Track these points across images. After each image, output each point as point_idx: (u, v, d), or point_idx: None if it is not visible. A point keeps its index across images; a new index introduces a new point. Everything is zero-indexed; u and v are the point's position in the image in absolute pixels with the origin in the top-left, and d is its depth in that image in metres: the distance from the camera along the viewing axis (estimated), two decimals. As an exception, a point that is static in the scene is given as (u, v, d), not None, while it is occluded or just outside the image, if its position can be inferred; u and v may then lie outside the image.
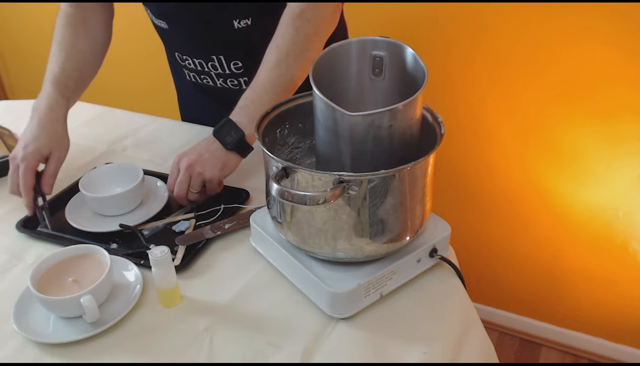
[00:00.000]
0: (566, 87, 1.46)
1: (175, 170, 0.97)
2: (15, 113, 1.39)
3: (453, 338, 0.76)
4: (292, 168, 0.72)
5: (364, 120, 0.71)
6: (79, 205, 1.01)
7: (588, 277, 1.68)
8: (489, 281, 1.85)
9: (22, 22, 2.27)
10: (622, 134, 1.45)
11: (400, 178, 0.72)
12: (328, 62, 0.79)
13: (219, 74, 1.15)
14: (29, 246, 0.94)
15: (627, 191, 1.51)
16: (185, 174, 0.95)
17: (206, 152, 0.96)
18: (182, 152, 0.98)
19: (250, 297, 0.82)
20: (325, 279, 0.76)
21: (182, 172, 0.95)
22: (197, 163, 0.95)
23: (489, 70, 1.52)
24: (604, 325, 1.74)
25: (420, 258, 0.82)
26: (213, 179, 0.96)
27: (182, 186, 0.95)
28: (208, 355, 0.73)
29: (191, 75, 1.19)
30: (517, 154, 1.60)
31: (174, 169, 0.97)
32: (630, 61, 1.36)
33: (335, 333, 0.75)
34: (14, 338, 0.77)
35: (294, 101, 0.87)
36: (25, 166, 0.96)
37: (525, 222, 1.69)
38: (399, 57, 0.78)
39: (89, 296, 0.74)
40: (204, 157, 0.96)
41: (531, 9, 1.40)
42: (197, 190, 0.96)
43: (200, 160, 0.95)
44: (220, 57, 1.12)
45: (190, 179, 0.95)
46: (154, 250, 0.77)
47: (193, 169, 0.95)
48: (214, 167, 0.96)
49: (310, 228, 0.75)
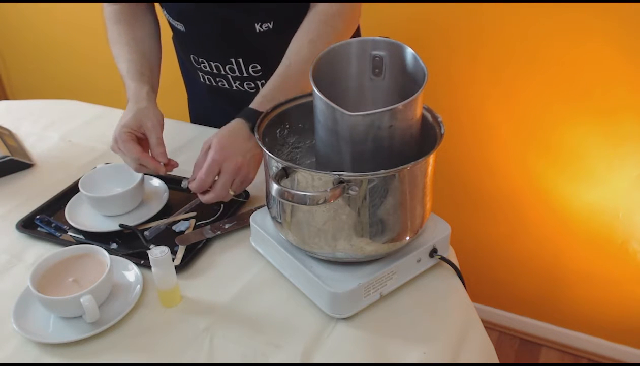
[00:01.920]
0: (566, 87, 1.46)
1: (214, 170, 0.90)
2: (15, 113, 1.39)
3: (453, 338, 0.76)
4: (292, 168, 0.72)
5: (364, 120, 0.71)
6: (79, 205, 1.01)
7: (588, 277, 1.68)
8: (489, 281, 1.84)
9: (22, 22, 2.27)
10: (622, 134, 1.45)
11: (400, 178, 0.72)
12: (328, 62, 0.79)
13: (235, 77, 1.14)
14: (29, 246, 0.94)
15: (627, 191, 1.51)
16: (230, 178, 0.90)
17: (248, 152, 0.91)
18: (219, 149, 0.89)
19: (250, 297, 0.82)
20: (325, 279, 0.76)
21: (226, 175, 0.90)
22: (244, 165, 0.91)
23: (489, 70, 1.52)
24: (604, 325, 1.74)
25: (420, 258, 0.82)
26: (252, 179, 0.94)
27: (225, 190, 0.91)
28: (208, 355, 0.73)
29: (206, 78, 1.19)
30: (517, 154, 1.60)
31: (212, 168, 0.89)
32: (630, 61, 1.36)
33: (335, 333, 0.75)
34: (14, 338, 0.77)
35: (294, 101, 0.87)
36: (122, 142, 0.94)
37: (525, 222, 1.69)
38: (399, 57, 0.78)
39: (89, 296, 0.74)
40: (248, 157, 0.91)
41: (531, 9, 1.40)
42: (238, 192, 0.93)
43: (245, 162, 0.91)
44: (239, 60, 1.11)
45: (233, 181, 0.91)
46: (154, 250, 0.77)
47: (240, 172, 0.91)
48: (256, 168, 0.94)
49: (310, 228, 0.75)
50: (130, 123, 0.95)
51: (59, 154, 1.21)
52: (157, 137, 0.96)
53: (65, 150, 1.23)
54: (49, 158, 1.19)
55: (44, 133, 1.29)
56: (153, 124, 0.96)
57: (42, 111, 1.40)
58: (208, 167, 0.89)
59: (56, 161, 1.18)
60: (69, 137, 1.27)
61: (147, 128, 0.96)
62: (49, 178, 1.12)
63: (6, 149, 1.16)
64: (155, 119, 0.97)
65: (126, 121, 0.96)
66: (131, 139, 0.94)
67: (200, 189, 0.91)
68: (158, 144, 0.95)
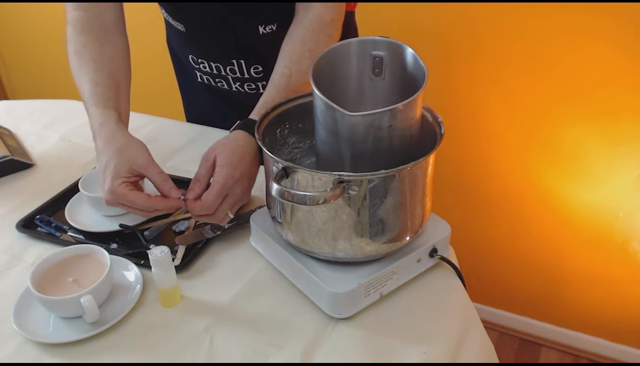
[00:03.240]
0: (566, 88, 1.46)
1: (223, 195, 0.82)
2: (15, 113, 1.39)
3: (453, 338, 0.76)
4: (292, 168, 0.72)
5: (364, 120, 0.71)
6: (79, 205, 1.01)
7: (588, 277, 1.68)
8: (489, 281, 1.85)
9: (22, 22, 2.27)
10: (622, 134, 1.45)
11: (400, 178, 0.72)
12: (328, 62, 0.79)
13: (236, 78, 1.13)
14: (29, 246, 0.94)
15: (627, 191, 1.51)
16: (235, 203, 0.84)
17: (253, 176, 0.86)
18: (231, 172, 0.81)
19: (250, 297, 0.82)
20: (325, 279, 0.76)
21: (232, 199, 0.83)
22: (249, 189, 0.86)
23: (489, 70, 1.52)
24: (604, 325, 1.74)
25: (420, 258, 0.82)
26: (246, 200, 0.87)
27: (224, 213, 0.83)
28: (208, 355, 0.73)
29: (204, 78, 1.18)
30: (517, 154, 1.60)
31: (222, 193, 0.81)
32: (630, 61, 1.36)
33: (335, 333, 0.75)
34: (14, 338, 0.77)
35: (294, 101, 0.87)
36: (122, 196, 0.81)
37: (525, 222, 1.69)
38: (399, 57, 0.78)
39: (89, 296, 0.74)
40: (252, 182, 0.87)
41: (531, 9, 1.40)
42: (233, 213, 0.85)
43: (250, 186, 0.86)
44: (240, 61, 1.10)
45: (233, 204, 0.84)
46: (154, 250, 0.77)
47: (244, 196, 0.85)
48: (252, 186, 0.87)
49: (310, 228, 0.75)
50: (120, 172, 0.81)
51: (59, 154, 1.21)
52: (158, 173, 0.83)
53: (65, 150, 1.23)
54: (49, 158, 1.19)
55: (44, 133, 1.29)
56: (146, 161, 0.83)
57: (42, 111, 1.39)
58: (218, 193, 0.81)
59: (56, 161, 1.18)
60: (69, 137, 1.27)
61: (141, 168, 0.83)
62: (49, 178, 1.12)
63: (6, 149, 1.16)
64: (145, 154, 0.84)
65: (114, 171, 0.81)
66: (130, 189, 0.81)
67: (203, 213, 0.82)
68: (163, 180, 0.83)
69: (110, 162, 0.82)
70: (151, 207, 0.81)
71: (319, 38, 0.96)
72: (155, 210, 0.82)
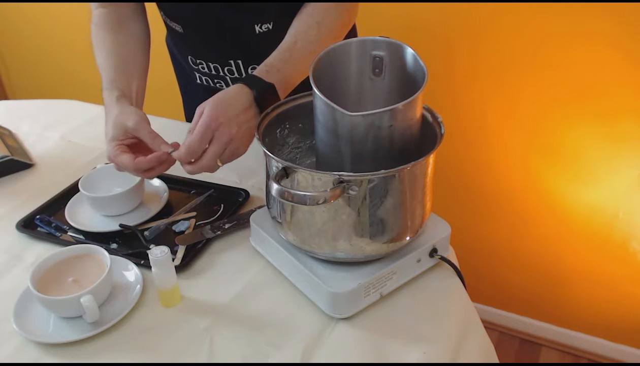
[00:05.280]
0: (566, 88, 1.46)
1: (206, 137, 0.83)
2: (15, 113, 1.39)
3: (453, 338, 0.76)
4: (292, 168, 0.72)
5: (364, 120, 0.71)
6: (79, 205, 1.01)
7: (588, 277, 1.68)
8: (489, 281, 1.85)
9: (22, 22, 2.27)
10: (622, 134, 1.45)
11: (400, 178, 0.72)
12: (328, 62, 0.79)
13: (234, 79, 1.13)
14: (29, 246, 0.94)
15: (627, 191, 1.51)
16: (221, 148, 0.84)
17: (244, 124, 0.86)
18: (213, 115, 0.83)
19: (250, 297, 0.82)
20: (325, 279, 0.76)
21: (218, 144, 0.84)
22: (237, 137, 0.85)
23: (489, 70, 1.52)
24: (604, 325, 1.74)
25: (420, 258, 0.82)
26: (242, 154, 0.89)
27: (214, 161, 0.85)
28: (208, 355, 0.73)
29: (203, 79, 1.18)
30: (518, 154, 1.60)
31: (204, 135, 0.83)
32: (630, 62, 1.36)
33: (335, 333, 0.75)
34: (14, 338, 0.77)
35: (294, 101, 0.87)
36: (115, 158, 0.88)
37: (525, 222, 1.69)
38: (399, 57, 0.78)
39: (89, 296, 0.74)
40: (243, 129, 0.86)
41: (532, 9, 1.40)
42: (225, 163, 0.87)
43: (240, 133, 0.85)
44: (238, 61, 1.10)
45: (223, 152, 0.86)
46: (154, 250, 0.77)
47: (232, 143, 0.85)
48: (249, 142, 0.88)
49: (310, 228, 0.75)
50: (115, 135, 0.89)
51: (59, 154, 1.21)
52: (148, 132, 0.89)
53: (65, 150, 1.23)
54: (49, 158, 1.19)
55: (44, 133, 1.29)
56: (135, 122, 0.88)
57: (42, 111, 1.40)
58: (199, 134, 0.82)
59: (56, 161, 1.18)
60: (69, 137, 1.27)
61: (131, 129, 0.88)
62: (49, 178, 1.12)
63: (6, 149, 1.16)
64: (136, 116, 0.89)
65: (110, 135, 0.89)
66: (122, 151, 0.88)
67: (188, 158, 0.84)
68: (152, 137, 0.88)
69: (108, 129, 0.91)
70: (139, 167, 0.87)
71: (329, 13, 0.97)
72: (146, 170, 0.88)
